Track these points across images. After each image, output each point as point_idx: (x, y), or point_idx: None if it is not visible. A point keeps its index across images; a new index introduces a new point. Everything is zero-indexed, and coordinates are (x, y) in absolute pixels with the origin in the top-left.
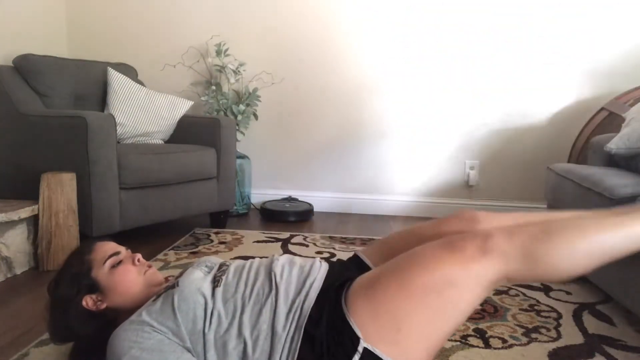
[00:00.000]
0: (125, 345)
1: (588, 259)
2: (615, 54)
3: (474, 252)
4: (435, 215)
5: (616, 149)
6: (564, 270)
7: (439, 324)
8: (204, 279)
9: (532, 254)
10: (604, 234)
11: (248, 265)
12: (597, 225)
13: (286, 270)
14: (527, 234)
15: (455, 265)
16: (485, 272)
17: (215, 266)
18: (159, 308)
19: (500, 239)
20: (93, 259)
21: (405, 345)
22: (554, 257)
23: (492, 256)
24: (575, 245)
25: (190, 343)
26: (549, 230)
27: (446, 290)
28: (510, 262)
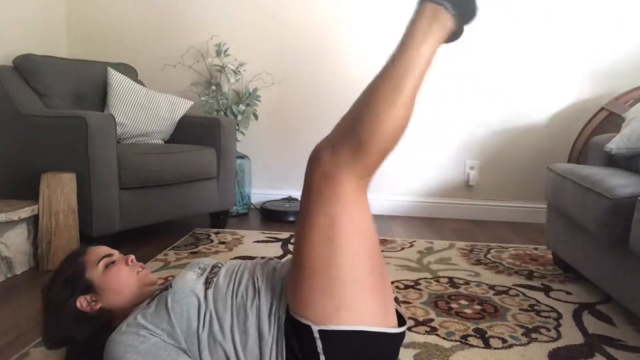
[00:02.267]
0: (121, 349)
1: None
2: (615, 54)
3: (320, 186)
4: (436, 215)
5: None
6: (389, 130)
7: (352, 260)
8: (196, 280)
9: (355, 145)
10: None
11: (237, 267)
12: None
13: (267, 273)
14: (341, 132)
15: (317, 209)
16: (339, 191)
17: (208, 268)
18: (153, 310)
19: (327, 156)
20: (87, 260)
21: (347, 302)
22: (373, 132)
23: (333, 176)
24: (377, 109)
25: (185, 344)
26: (356, 115)
27: (330, 231)
28: (348, 166)
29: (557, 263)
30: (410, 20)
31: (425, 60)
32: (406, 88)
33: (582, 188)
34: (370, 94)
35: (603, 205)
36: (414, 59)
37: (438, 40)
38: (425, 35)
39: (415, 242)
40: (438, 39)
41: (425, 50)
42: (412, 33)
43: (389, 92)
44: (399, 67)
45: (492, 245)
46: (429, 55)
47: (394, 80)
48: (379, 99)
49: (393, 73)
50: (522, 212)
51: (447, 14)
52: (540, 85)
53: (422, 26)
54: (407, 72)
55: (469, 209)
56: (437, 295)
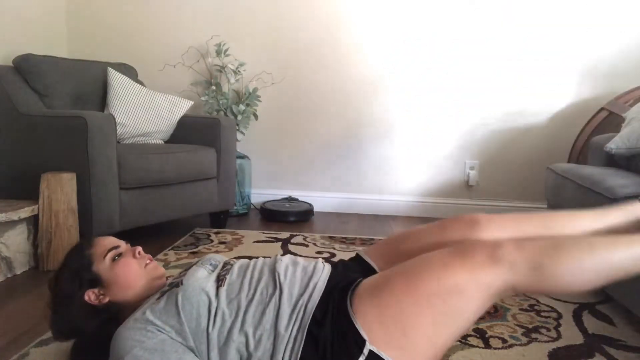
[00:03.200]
0: (128, 344)
1: (595, 277)
2: (615, 54)
3: (483, 260)
4: (436, 215)
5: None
6: (570, 285)
7: (444, 330)
8: (207, 277)
9: (540, 266)
10: (612, 252)
11: (252, 264)
12: (606, 243)
13: (290, 270)
14: (536, 247)
15: (464, 272)
16: (492, 280)
17: (220, 265)
18: (162, 307)
19: (510, 249)
20: (93, 253)
21: (411, 349)
22: (561, 272)
23: (501, 265)
24: (583, 262)
25: (193, 342)
26: (558, 245)
27: (453, 297)
28: (518, 272)
29: None
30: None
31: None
32: (612, 275)
33: (582, 188)
34: (588, 249)
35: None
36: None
37: None
38: None
39: None
40: None
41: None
42: None
43: (603, 269)
44: (618, 253)
45: None
46: None
47: (612, 265)
48: (588, 264)
49: (618, 258)
50: (522, 212)
51: None
52: (540, 85)
53: None
54: (621, 264)
55: (469, 209)
56: None
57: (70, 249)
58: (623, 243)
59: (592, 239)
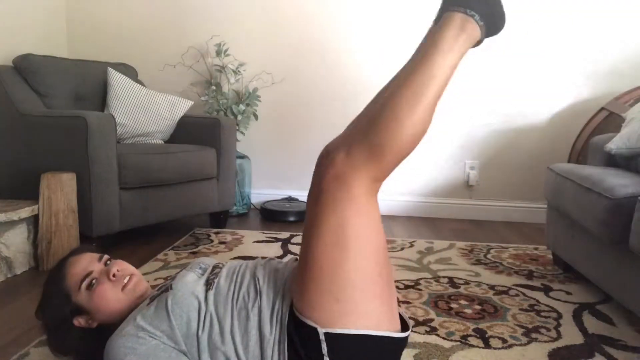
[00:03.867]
0: (121, 352)
1: (419, 113)
2: (615, 54)
3: (331, 188)
4: (436, 215)
5: (616, 149)
6: (407, 136)
7: (361, 263)
8: (197, 281)
9: (372, 148)
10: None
11: (238, 268)
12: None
13: (268, 274)
14: (357, 133)
15: (328, 211)
16: (352, 193)
17: (209, 268)
18: (153, 312)
19: (341, 157)
20: (68, 286)
21: (354, 305)
22: (392, 136)
23: (346, 178)
24: (398, 114)
25: (185, 346)
26: (373, 117)
27: (341, 234)
28: (363, 168)
29: (557, 263)
30: (437, 28)
31: (450, 70)
32: (429, 95)
33: (582, 188)
34: (391, 98)
35: (603, 205)
36: (440, 67)
37: (464, 50)
38: (452, 45)
39: (415, 242)
40: (464, 49)
41: (450, 59)
42: (439, 41)
43: (411, 97)
44: (422, 74)
45: (492, 245)
46: (454, 64)
47: (417, 86)
48: (400, 104)
49: (416, 79)
50: (522, 212)
51: (476, 25)
52: (540, 85)
53: (449, 35)
54: (431, 80)
55: (469, 209)
56: (437, 295)
57: (47, 279)
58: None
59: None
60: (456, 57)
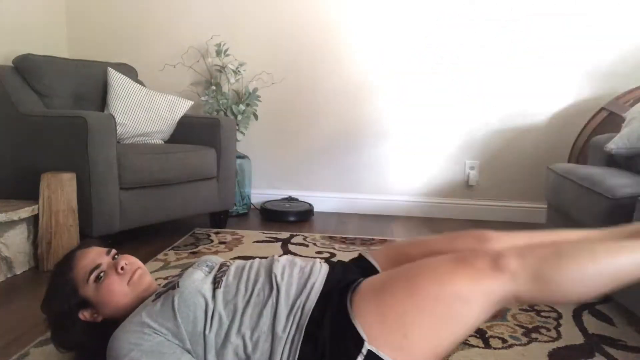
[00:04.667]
0: (125, 347)
1: (598, 284)
2: (615, 54)
3: (485, 268)
4: (436, 215)
5: (616, 149)
6: (572, 293)
7: (444, 335)
8: (204, 279)
9: (542, 276)
10: (614, 259)
11: (248, 265)
12: (608, 249)
13: (287, 271)
14: (538, 256)
15: (466, 279)
16: (494, 288)
17: (216, 266)
18: (159, 309)
19: (512, 259)
20: (75, 277)
21: (410, 351)
22: (563, 281)
23: (502, 274)
24: (585, 270)
25: (190, 344)
26: (560, 253)
27: (455, 303)
28: (519, 281)
29: None
30: None
31: None
32: (615, 282)
33: (582, 188)
34: (586, 261)
35: (603, 205)
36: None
37: None
38: None
39: None
40: None
41: None
42: None
43: (602, 275)
44: (626, 264)
45: None
46: None
47: (615, 271)
48: (591, 273)
49: (621, 264)
50: (522, 212)
51: None
52: (540, 85)
53: None
54: (628, 274)
55: (469, 209)
56: None
57: (54, 271)
58: (626, 249)
59: (594, 246)
60: None
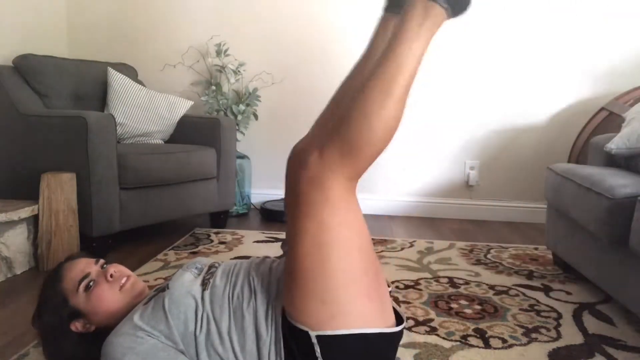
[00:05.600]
0: (119, 351)
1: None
2: (615, 54)
3: (307, 191)
4: (436, 215)
5: (616, 149)
6: (380, 131)
7: (344, 264)
8: (193, 281)
9: (345, 147)
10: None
11: (233, 267)
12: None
13: (262, 272)
14: (326, 133)
15: (306, 215)
16: (329, 195)
17: (205, 268)
18: (150, 312)
19: (313, 160)
20: (65, 288)
21: (342, 306)
22: (364, 133)
23: (321, 179)
24: (368, 110)
25: (183, 345)
26: (342, 115)
27: (320, 237)
28: (337, 168)
29: (557, 263)
30: (400, 16)
31: (417, 59)
32: (398, 87)
33: (582, 188)
34: (359, 93)
35: (603, 205)
36: (406, 57)
37: (430, 36)
38: (417, 33)
39: (415, 242)
40: (430, 35)
41: (417, 47)
42: (403, 30)
43: (379, 91)
44: (389, 66)
45: (492, 245)
46: (421, 52)
47: (384, 79)
48: (368, 99)
49: (384, 71)
50: (522, 212)
51: (440, 9)
52: (540, 85)
53: (413, 23)
54: (399, 71)
55: (469, 209)
56: (437, 295)
57: (43, 284)
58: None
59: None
60: (423, 45)
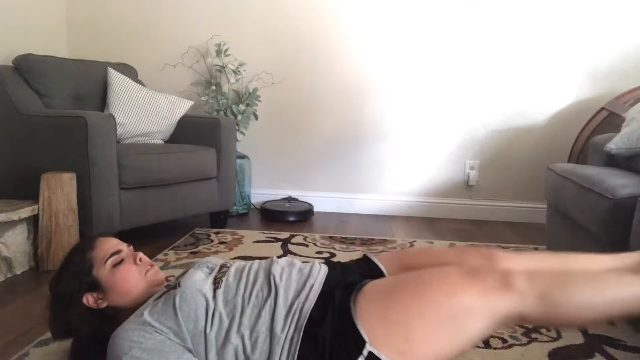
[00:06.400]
0: (126, 345)
1: (602, 313)
2: (615, 54)
3: (494, 284)
4: (436, 215)
5: (616, 149)
6: (576, 319)
7: (446, 346)
8: (205, 280)
9: (549, 299)
10: (620, 292)
11: (248, 266)
12: (617, 280)
13: (285, 272)
14: (547, 279)
15: (474, 292)
16: (500, 304)
17: (217, 267)
18: (160, 308)
19: (521, 278)
20: (94, 257)
21: (410, 356)
22: (569, 306)
23: (511, 292)
24: (591, 299)
25: (191, 343)
26: (569, 280)
27: (460, 315)
28: (526, 301)
29: None
30: None
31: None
32: (616, 310)
33: (582, 188)
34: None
35: (603, 205)
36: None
37: None
38: None
39: (415, 242)
40: None
41: None
42: None
43: (607, 308)
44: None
45: (492, 245)
46: None
47: (620, 303)
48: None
49: (626, 298)
50: (522, 212)
51: None
52: (540, 85)
53: None
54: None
55: (469, 209)
56: None
57: (72, 249)
58: (632, 283)
59: (604, 276)
60: None
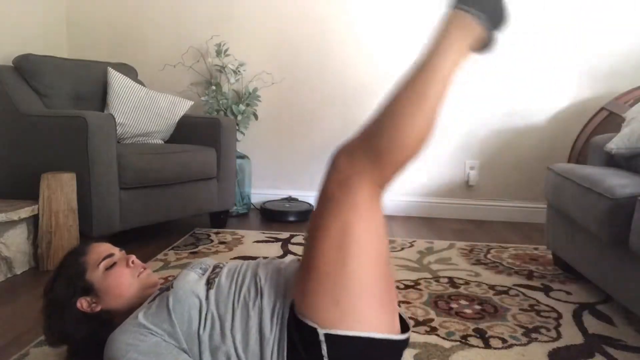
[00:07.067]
0: (122, 348)
1: (419, 118)
2: (615, 54)
3: (335, 193)
4: (436, 215)
5: (616, 149)
6: (408, 140)
7: (362, 268)
8: (198, 281)
9: (373, 154)
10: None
11: (239, 267)
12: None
13: (270, 273)
14: (360, 140)
15: (331, 215)
16: (355, 199)
17: (210, 268)
18: (154, 310)
19: (344, 163)
20: (87, 261)
21: (354, 308)
22: (393, 142)
23: (349, 183)
24: (397, 120)
25: (186, 344)
26: (376, 123)
27: (343, 239)
28: (365, 174)
29: (557, 263)
30: (437, 28)
31: (449, 71)
32: (429, 98)
33: (582, 188)
34: (392, 103)
35: (603, 205)
36: (439, 68)
37: (465, 49)
38: (452, 45)
39: (415, 242)
40: (464, 48)
41: (450, 60)
42: (438, 41)
43: (411, 102)
44: (422, 77)
45: (492, 245)
46: (454, 65)
47: (416, 90)
48: (400, 109)
49: (416, 82)
50: (522, 212)
51: (475, 22)
52: (540, 85)
53: (448, 35)
54: (431, 82)
55: (469, 209)
56: (437, 295)
57: (66, 255)
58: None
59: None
60: (456, 57)
